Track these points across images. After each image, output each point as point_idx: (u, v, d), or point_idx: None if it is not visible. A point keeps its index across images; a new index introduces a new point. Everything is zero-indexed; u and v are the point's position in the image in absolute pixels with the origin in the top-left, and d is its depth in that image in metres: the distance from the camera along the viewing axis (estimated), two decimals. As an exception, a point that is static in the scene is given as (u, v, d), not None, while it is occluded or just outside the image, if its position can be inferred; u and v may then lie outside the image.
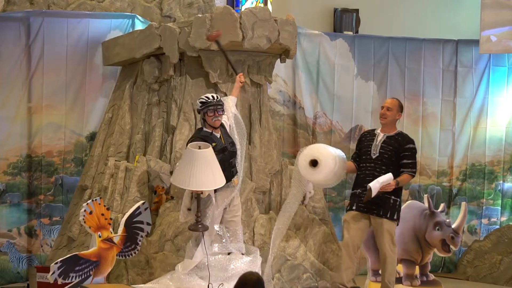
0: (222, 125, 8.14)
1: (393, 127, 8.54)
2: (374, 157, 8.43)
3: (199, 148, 7.58)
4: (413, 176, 8.51)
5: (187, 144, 7.99)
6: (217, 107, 7.99)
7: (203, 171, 7.28)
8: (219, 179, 7.45)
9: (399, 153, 8.39)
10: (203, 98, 8.05)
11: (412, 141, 8.51)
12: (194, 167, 7.27)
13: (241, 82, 8.50)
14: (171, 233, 8.40)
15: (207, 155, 7.39)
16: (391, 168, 8.38)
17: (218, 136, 8.01)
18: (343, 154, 8.59)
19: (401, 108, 8.56)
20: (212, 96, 8.05)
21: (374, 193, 8.14)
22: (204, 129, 8.02)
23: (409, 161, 8.40)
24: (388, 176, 8.24)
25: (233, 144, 8.13)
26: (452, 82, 11.69)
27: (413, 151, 8.47)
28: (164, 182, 8.82)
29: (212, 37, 8.51)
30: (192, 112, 9.05)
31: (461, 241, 9.98)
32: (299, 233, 8.96)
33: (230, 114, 8.30)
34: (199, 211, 7.68)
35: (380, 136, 8.49)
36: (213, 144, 7.90)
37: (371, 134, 8.60)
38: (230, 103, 8.35)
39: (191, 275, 7.81)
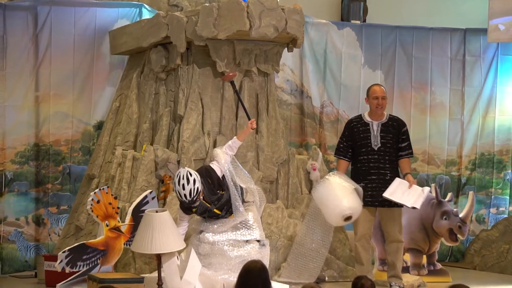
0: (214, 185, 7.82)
1: (382, 112, 8.58)
2: (376, 148, 8.44)
3: (156, 212, 7.53)
4: (412, 156, 8.65)
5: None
6: (188, 210, 7.69)
7: (162, 234, 7.25)
8: (179, 242, 7.40)
9: (398, 139, 8.45)
10: (176, 192, 7.55)
11: (404, 123, 8.67)
12: (154, 231, 7.24)
13: (252, 129, 8.23)
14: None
15: (165, 218, 7.36)
16: (394, 155, 8.45)
17: (198, 203, 7.68)
18: (359, 187, 8.46)
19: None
20: (186, 196, 7.48)
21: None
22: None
23: (406, 143, 8.53)
24: (426, 189, 8.46)
25: (220, 198, 7.80)
26: (460, 71, 11.65)
27: (407, 133, 8.62)
28: (171, 171, 8.83)
29: (227, 78, 8.48)
30: (200, 101, 9.05)
31: (468, 230, 9.98)
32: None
33: (223, 162, 7.89)
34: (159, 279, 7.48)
35: (375, 125, 8.49)
36: (194, 210, 7.68)
37: (361, 123, 8.55)
38: (220, 155, 7.90)
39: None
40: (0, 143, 9.74)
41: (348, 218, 8.36)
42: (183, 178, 7.49)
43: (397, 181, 8.36)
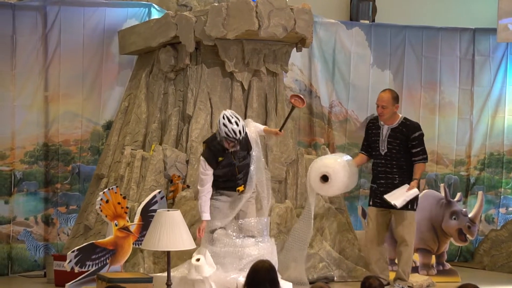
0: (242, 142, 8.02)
1: (395, 117, 8.52)
2: (383, 153, 8.45)
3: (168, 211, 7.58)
4: (426, 161, 8.53)
5: (203, 148, 8.03)
6: (237, 142, 7.84)
7: (171, 233, 7.29)
8: (188, 241, 7.42)
9: (407, 145, 8.39)
10: (229, 132, 7.75)
11: (417, 128, 8.50)
12: (163, 228, 7.29)
13: (275, 134, 8.34)
14: (187, 222, 8.39)
15: (175, 217, 7.39)
16: (402, 160, 8.40)
17: (229, 152, 7.90)
18: (350, 158, 8.59)
19: (395, 99, 8.51)
20: (240, 132, 7.76)
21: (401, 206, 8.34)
22: (218, 140, 7.90)
23: (418, 149, 8.43)
24: (410, 191, 8.35)
25: (245, 157, 8.01)
26: (469, 71, 11.63)
27: (420, 138, 8.47)
28: (180, 171, 8.84)
29: (296, 104, 8.37)
30: (208, 101, 9.05)
31: (478, 230, 9.96)
32: (315, 223, 8.94)
33: (252, 129, 8.16)
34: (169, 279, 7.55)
35: (385, 130, 8.48)
36: (220, 159, 7.86)
37: (375, 125, 8.56)
38: (252, 128, 8.17)
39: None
40: (9, 143, 9.75)
41: (325, 178, 8.36)
42: (233, 117, 7.76)
43: (404, 186, 8.38)
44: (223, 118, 7.77)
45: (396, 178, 8.42)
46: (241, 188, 8.07)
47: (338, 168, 8.40)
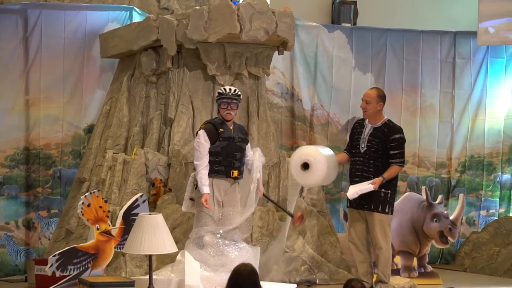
0: (240, 128, 8.31)
1: (379, 116, 8.52)
2: (362, 151, 8.45)
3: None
4: (402, 166, 8.53)
5: (200, 128, 8.18)
6: (232, 100, 8.12)
7: (153, 236, 7.28)
8: (169, 245, 7.42)
9: (386, 145, 8.39)
10: (220, 89, 8.22)
11: (398, 131, 8.50)
12: (145, 232, 7.28)
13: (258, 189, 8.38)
14: (169, 226, 8.39)
15: (157, 220, 7.38)
16: (380, 161, 8.39)
17: (230, 127, 8.15)
18: (332, 152, 8.63)
19: (381, 98, 8.52)
20: (230, 89, 8.19)
21: (352, 198, 8.33)
22: (218, 117, 8.24)
23: (396, 151, 8.40)
24: (367, 185, 8.30)
25: (242, 140, 8.23)
26: (450, 74, 11.68)
27: (400, 141, 8.45)
28: (162, 174, 8.82)
29: (297, 222, 8.53)
30: (190, 104, 9.05)
31: (459, 232, 10.00)
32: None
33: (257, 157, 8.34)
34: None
35: (368, 128, 8.49)
36: (221, 130, 8.09)
37: (361, 125, 8.60)
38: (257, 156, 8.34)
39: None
40: (-10, 147, 9.72)
41: (305, 166, 8.40)
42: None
43: (368, 182, 8.38)
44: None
45: (371, 178, 8.40)
46: (235, 173, 8.13)
47: (319, 157, 8.43)
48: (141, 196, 8.37)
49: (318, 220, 9.25)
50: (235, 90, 8.20)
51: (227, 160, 8.11)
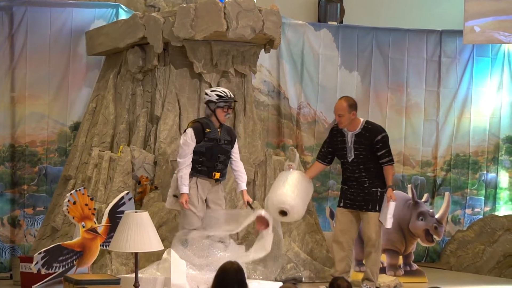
0: (228, 130, 8.38)
1: (356, 122, 8.48)
2: (350, 160, 8.47)
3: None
4: (393, 163, 8.55)
5: (188, 125, 8.23)
6: (231, 104, 8.27)
7: (138, 234, 7.27)
8: (155, 243, 7.41)
9: (372, 148, 8.42)
10: (219, 92, 8.21)
11: (379, 131, 8.51)
12: (131, 230, 7.27)
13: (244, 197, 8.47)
14: (156, 223, 8.37)
15: (143, 218, 7.37)
16: (370, 163, 8.44)
17: (217, 129, 8.21)
18: (297, 173, 8.51)
19: (352, 107, 8.42)
20: (228, 92, 8.29)
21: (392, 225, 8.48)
22: (206, 117, 8.28)
23: (383, 151, 8.44)
24: (389, 205, 8.39)
25: (228, 143, 8.27)
26: (436, 73, 11.71)
27: (384, 140, 8.47)
28: (148, 172, 8.81)
29: (261, 226, 8.44)
30: (176, 102, 9.04)
31: (444, 231, 10.02)
32: (283, 224, 8.96)
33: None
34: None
35: (349, 136, 8.49)
36: (207, 130, 8.15)
37: (340, 132, 8.54)
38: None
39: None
40: (-25, 144, 9.69)
41: (283, 213, 8.39)
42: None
43: (385, 200, 8.44)
44: (208, 89, 8.31)
45: (365, 182, 8.46)
46: (217, 175, 8.16)
47: (294, 203, 8.35)
48: (127, 193, 8.36)
49: (305, 218, 9.26)
50: (231, 94, 8.32)
51: (210, 161, 8.16)
